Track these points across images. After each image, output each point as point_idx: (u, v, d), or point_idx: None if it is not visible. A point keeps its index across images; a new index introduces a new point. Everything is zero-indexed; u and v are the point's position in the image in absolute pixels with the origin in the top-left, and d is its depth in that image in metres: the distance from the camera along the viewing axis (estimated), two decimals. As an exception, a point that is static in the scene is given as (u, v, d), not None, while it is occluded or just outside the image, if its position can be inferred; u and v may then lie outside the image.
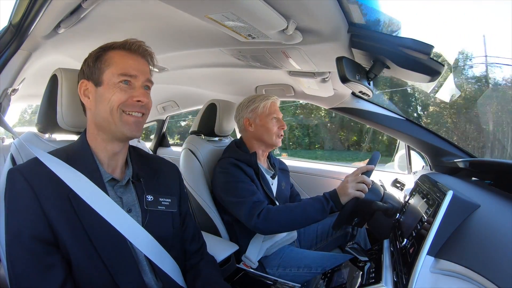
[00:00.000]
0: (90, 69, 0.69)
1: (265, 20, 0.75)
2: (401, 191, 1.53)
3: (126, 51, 0.69)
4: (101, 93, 0.67)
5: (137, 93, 0.68)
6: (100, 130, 0.70)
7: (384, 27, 0.85)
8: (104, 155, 0.71)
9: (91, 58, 0.69)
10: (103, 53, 0.69)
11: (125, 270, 0.65)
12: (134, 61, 0.69)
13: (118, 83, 0.67)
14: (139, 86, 0.69)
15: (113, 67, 0.67)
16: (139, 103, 0.68)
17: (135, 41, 0.70)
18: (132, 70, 0.68)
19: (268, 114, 1.26)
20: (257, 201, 1.07)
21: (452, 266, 0.49)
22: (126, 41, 0.70)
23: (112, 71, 0.67)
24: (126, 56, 0.69)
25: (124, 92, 0.67)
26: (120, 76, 0.67)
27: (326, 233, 1.39)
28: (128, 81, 0.68)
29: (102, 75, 0.67)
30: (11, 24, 0.84)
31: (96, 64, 0.68)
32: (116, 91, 0.67)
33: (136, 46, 0.70)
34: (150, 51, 0.73)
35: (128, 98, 0.67)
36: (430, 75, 0.83)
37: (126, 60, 0.68)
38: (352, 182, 1.00)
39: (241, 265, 1.13)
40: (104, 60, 0.68)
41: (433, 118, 5.55)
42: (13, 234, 0.59)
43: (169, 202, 0.77)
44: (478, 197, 0.72)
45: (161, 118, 2.58)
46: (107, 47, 0.69)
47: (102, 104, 0.67)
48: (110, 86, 0.67)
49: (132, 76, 0.68)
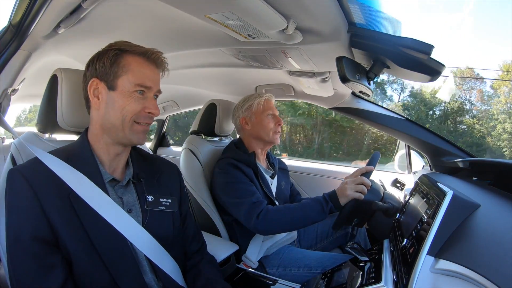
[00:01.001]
0: (105, 70, 0.67)
1: (265, 20, 0.75)
2: (401, 191, 1.53)
3: (144, 59, 0.69)
4: (114, 98, 0.67)
5: (149, 105, 0.69)
6: (105, 133, 0.70)
7: (384, 27, 0.85)
8: (105, 156, 0.71)
9: (108, 59, 0.67)
10: (121, 56, 0.67)
11: (125, 270, 0.65)
12: (151, 72, 0.70)
13: (133, 92, 0.67)
14: (151, 97, 0.70)
15: (130, 74, 0.67)
16: (150, 115, 0.70)
17: (155, 51, 0.70)
18: (148, 81, 0.68)
19: (263, 111, 1.27)
20: (256, 202, 1.07)
21: (452, 266, 0.49)
22: (147, 50, 0.69)
23: (129, 79, 0.67)
24: (144, 65, 0.69)
25: (137, 103, 0.68)
26: (136, 86, 0.67)
27: (326, 233, 1.39)
28: (142, 91, 0.68)
29: (117, 80, 0.67)
30: (11, 24, 0.84)
31: (113, 67, 0.67)
32: (131, 100, 0.67)
33: (155, 56, 0.70)
34: (165, 63, 0.73)
35: (141, 110, 0.68)
36: (430, 75, 0.83)
37: (144, 70, 0.68)
38: (351, 184, 1.00)
39: (241, 265, 1.13)
40: (122, 65, 0.67)
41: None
42: (13, 234, 0.59)
43: (169, 202, 0.77)
44: (478, 197, 0.72)
45: (161, 118, 2.58)
46: (125, 50, 0.68)
47: (114, 111, 0.67)
48: (125, 94, 0.67)
49: (147, 87, 0.69)
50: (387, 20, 0.84)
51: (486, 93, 14.96)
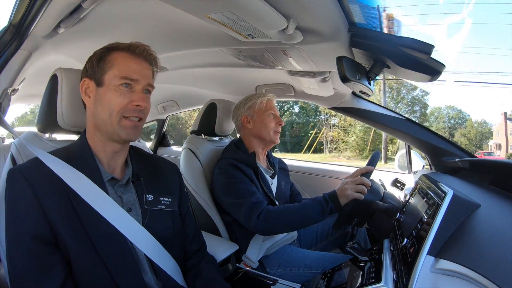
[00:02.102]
0: (93, 68, 0.69)
1: (265, 20, 0.75)
2: (401, 190, 1.53)
3: (130, 54, 0.69)
4: (101, 94, 0.68)
5: (136, 97, 0.68)
6: (97, 131, 0.70)
7: (384, 26, 0.85)
8: (103, 155, 0.71)
9: (95, 58, 0.69)
10: (107, 54, 0.69)
11: (125, 269, 0.65)
12: (137, 65, 0.69)
13: (119, 86, 0.67)
14: (139, 90, 0.69)
15: (115, 68, 0.67)
16: (138, 107, 0.69)
17: (140, 45, 0.70)
18: (133, 74, 0.68)
19: (265, 110, 1.27)
20: (256, 202, 1.07)
21: (452, 266, 0.49)
22: (131, 44, 0.69)
23: (114, 73, 0.67)
24: (130, 59, 0.69)
25: (124, 96, 0.67)
26: (121, 79, 0.67)
27: (326, 233, 1.38)
28: (129, 84, 0.68)
29: (103, 76, 0.68)
30: (11, 24, 0.84)
31: (100, 64, 0.68)
32: (117, 94, 0.67)
33: (140, 49, 0.70)
34: (154, 55, 0.73)
35: (128, 103, 0.67)
36: (430, 74, 0.83)
37: (129, 63, 0.68)
38: (351, 184, 1.00)
39: (241, 265, 1.13)
40: (107, 61, 0.68)
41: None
42: (13, 234, 0.59)
43: (169, 201, 0.77)
44: (478, 197, 0.72)
45: (161, 118, 2.57)
46: (112, 48, 0.69)
47: (101, 106, 0.67)
48: (111, 88, 0.67)
49: (133, 80, 0.68)
50: (387, 19, 0.84)
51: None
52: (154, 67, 0.73)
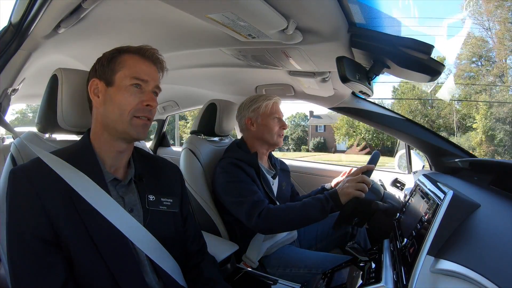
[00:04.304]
0: (103, 68, 0.70)
1: (265, 20, 0.75)
2: (401, 190, 1.53)
3: (140, 56, 0.71)
4: (112, 94, 0.68)
5: (146, 97, 0.70)
6: (105, 130, 0.70)
7: (384, 26, 0.85)
8: (107, 154, 0.71)
9: (105, 58, 0.70)
10: (118, 55, 0.70)
11: (126, 270, 0.65)
12: (147, 67, 0.71)
13: (129, 86, 0.68)
14: (148, 90, 0.71)
15: (126, 69, 0.69)
16: (148, 107, 0.70)
17: (150, 48, 0.72)
18: (144, 75, 0.69)
19: (270, 114, 1.27)
20: (257, 201, 1.07)
21: (452, 266, 0.49)
22: (141, 47, 0.72)
23: (125, 73, 0.68)
24: (140, 61, 0.71)
25: (135, 96, 0.68)
26: (132, 79, 0.68)
27: (326, 233, 1.38)
28: (139, 85, 0.69)
29: (114, 76, 0.69)
30: (11, 24, 0.84)
31: (110, 65, 0.69)
32: (127, 94, 0.68)
33: (150, 53, 0.72)
34: (162, 60, 0.75)
35: (138, 103, 0.69)
36: (430, 74, 0.83)
37: (139, 65, 0.70)
38: (352, 182, 1.00)
39: (242, 264, 1.13)
40: (118, 62, 0.69)
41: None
42: (14, 234, 0.59)
43: (170, 202, 0.77)
44: (478, 197, 0.72)
45: (161, 118, 2.57)
46: (123, 50, 0.71)
47: (112, 106, 0.68)
48: (121, 88, 0.68)
49: (143, 80, 0.69)
50: (387, 20, 0.84)
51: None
52: (160, 71, 0.75)
